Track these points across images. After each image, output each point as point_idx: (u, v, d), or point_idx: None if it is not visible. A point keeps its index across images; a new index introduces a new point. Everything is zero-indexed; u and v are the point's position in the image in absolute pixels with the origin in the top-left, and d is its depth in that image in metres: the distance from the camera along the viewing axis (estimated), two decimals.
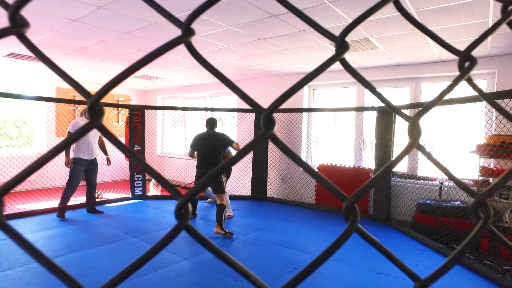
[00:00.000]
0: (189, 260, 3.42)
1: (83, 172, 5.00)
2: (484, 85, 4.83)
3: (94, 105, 0.33)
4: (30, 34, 4.06)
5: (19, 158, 6.38)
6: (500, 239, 0.39)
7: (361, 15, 0.40)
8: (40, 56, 0.36)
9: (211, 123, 4.78)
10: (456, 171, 4.62)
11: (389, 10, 3.11)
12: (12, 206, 5.50)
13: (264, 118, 0.35)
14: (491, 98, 0.45)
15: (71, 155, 4.87)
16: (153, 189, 6.83)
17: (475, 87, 0.45)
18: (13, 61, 5.64)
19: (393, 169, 5.22)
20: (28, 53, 5.05)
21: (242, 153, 0.35)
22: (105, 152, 5.50)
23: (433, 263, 3.51)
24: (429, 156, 0.41)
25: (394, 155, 4.63)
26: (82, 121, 4.90)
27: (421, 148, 0.40)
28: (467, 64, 0.41)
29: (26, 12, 3.31)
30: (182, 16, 3.33)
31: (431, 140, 5.38)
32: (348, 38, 4.08)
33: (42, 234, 4.18)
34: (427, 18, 3.29)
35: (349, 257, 3.60)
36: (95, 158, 5.10)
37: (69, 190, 4.86)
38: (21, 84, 7.22)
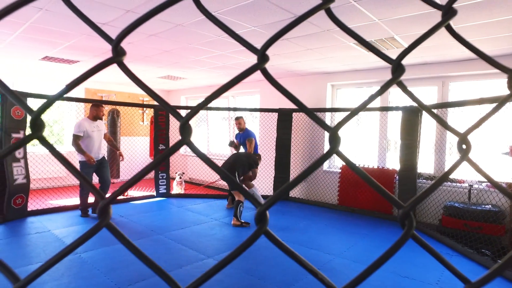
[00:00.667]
0: (213, 258, 3.48)
1: (94, 172, 4.93)
2: None
3: (36, 119, 0.37)
4: (62, 38, 4.27)
5: (50, 155, 6.68)
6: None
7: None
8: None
9: None
10: (489, 173, 4.44)
11: (415, 8, 3.04)
12: (46, 202, 5.77)
13: (180, 127, 0.38)
14: (427, 107, 0.46)
15: (79, 158, 4.78)
16: (177, 188, 6.97)
17: (407, 92, 0.46)
18: (46, 64, 5.92)
19: (419, 171, 5.10)
20: (62, 56, 5.29)
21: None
22: (116, 148, 5.52)
23: (462, 268, 3.39)
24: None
25: (420, 156, 4.51)
26: (86, 122, 4.83)
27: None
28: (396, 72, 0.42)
29: (58, 16, 3.47)
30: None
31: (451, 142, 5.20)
32: (373, 37, 4.02)
33: (72, 229, 4.38)
34: (461, 14, 3.18)
35: (372, 259, 3.54)
36: (104, 157, 5.06)
37: (84, 192, 4.88)
38: (53, 86, 7.56)
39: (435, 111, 4.94)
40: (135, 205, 5.83)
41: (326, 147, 6.48)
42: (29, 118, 0.37)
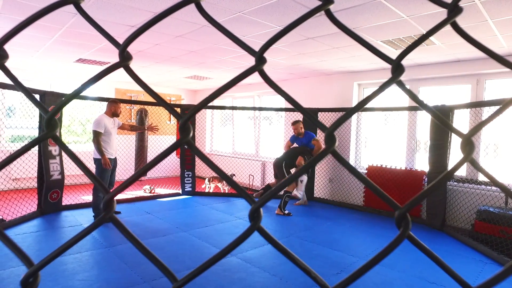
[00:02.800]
0: (236, 256, 3.51)
1: None
2: None
3: (50, 120, 0.39)
4: (94, 41, 4.45)
5: (84, 153, 7.01)
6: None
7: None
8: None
9: None
10: None
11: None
12: (79, 197, 6.06)
13: (179, 127, 0.40)
14: (424, 103, 0.44)
15: (94, 156, 4.63)
16: (208, 185, 7.03)
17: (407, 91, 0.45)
18: (80, 66, 6.20)
19: None
20: (94, 58, 5.53)
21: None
22: (142, 128, 5.43)
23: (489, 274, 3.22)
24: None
25: (451, 158, 4.32)
26: (105, 118, 4.66)
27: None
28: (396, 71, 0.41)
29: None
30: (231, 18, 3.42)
31: (496, 142, 4.94)
32: (401, 34, 3.89)
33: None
34: (493, 8, 3.01)
35: (399, 263, 3.44)
36: (116, 157, 4.89)
37: (99, 193, 4.61)
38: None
39: (468, 111, 4.72)
40: (161, 202, 5.99)
41: (353, 145, 6.36)
42: (65, 119, 0.40)
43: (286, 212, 5.31)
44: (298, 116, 6.76)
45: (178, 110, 8.16)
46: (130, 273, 3.06)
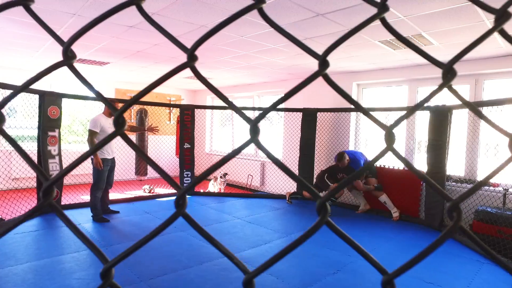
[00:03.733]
0: None
1: None
2: None
3: (118, 118, 0.41)
4: (94, 41, 4.47)
5: (83, 153, 7.03)
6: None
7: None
8: (85, 83, 0.47)
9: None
10: None
11: (443, 3, 2.92)
12: (78, 197, 6.08)
13: (250, 129, 0.44)
14: (474, 106, 0.45)
15: (92, 156, 4.57)
16: (212, 186, 7.05)
17: (457, 95, 0.46)
18: (80, 66, 6.22)
19: (448, 173, 4.89)
20: (94, 58, 5.55)
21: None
22: (140, 129, 5.44)
23: (493, 277, 3.23)
24: (403, 159, 0.45)
25: (449, 158, 4.33)
26: (102, 117, 4.66)
27: (395, 152, 0.45)
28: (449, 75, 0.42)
29: (89, 20, 3.64)
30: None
31: (497, 142, 4.93)
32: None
33: (100, 223, 4.57)
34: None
35: (396, 264, 3.42)
36: (114, 157, 4.86)
37: (97, 193, 4.63)
38: (84, 87, 7.93)
39: (467, 111, 4.72)
40: (160, 202, 6.00)
41: (352, 145, 6.36)
42: (65, 119, 0.41)
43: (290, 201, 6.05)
44: (297, 116, 6.76)
45: (178, 110, 8.18)
46: (128, 272, 3.07)
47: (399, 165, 5.64)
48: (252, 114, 8.20)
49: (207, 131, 9.47)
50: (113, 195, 5.82)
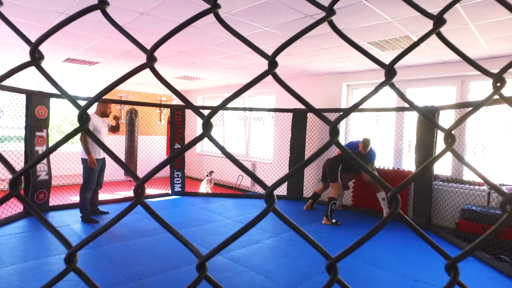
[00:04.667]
0: (223, 256, 3.53)
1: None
2: None
3: (82, 114, 0.42)
4: (83, 40, 4.43)
5: (73, 154, 6.95)
6: None
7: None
8: (52, 82, 0.49)
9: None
10: (509, 176, 4.28)
11: (429, 6, 2.98)
12: (67, 198, 6.00)
13: (203, 124, 0.46)
14: (418, 107, 0.53)
15: (82, 156, 4.57)
16: (204, 186, 7.03)
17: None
18: (69, 65, 6.16)
19: (435, 172, 4.97)
20: (83, 57, 5.50)
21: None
22: (115, 127, 5.03)
23: (478, 273, 3.30)
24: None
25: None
26: (95, 117, 4.63)
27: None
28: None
29: (78, 20, 3.61)
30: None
31: (483, 143, 5.03)
32: (387, 36, 3.95)
33: (89, 224, 4.53)
34: (474, 12, 3.09)
35: (384, 262, 3.50)
36: (104, 157, 4.84)
37: (86, 194, 4.60)
38: (75, 86, 7.85)
39: (453, 111, 4.80)
40: (150, 203, 5.96)
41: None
42: (53, 119, 0.42)
43: (334, 221, 4.88)
44: (288, 116, 6.80)
45: (168, 110, 8.15)
46: (117, 273, 3.06)
47: (388, 165, 5.72)
48: (243, 114, 8.21)
49: (198, 131, 9.45)
50: (102, 195, 5.78)
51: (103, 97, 5.01)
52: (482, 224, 3.93)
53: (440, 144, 5.00)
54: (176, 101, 9.67)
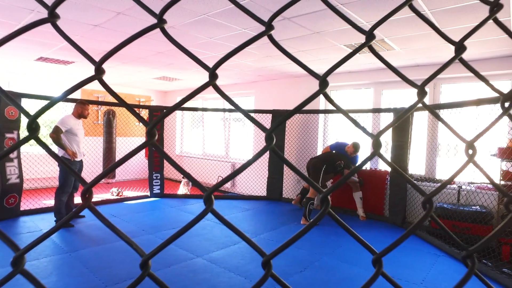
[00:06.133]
0: (202, 258, 3.51)
1: None
2: (509, 86, 4.66)
3: (31, 123, 0.42)
4: (56, 39, 4.31)
5: (47, 156, 6.72)
6: None
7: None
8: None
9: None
10: (477, 175, 4.48)
11: (403, 11, 3.08)
12: (40, 202, 5.80)
13: (146, 132, 0.47)
14: (345, 112, 0.57)
15: (60, 154, 4.37)
16: (183, 188, 6.99)
17: None
18: (42, 65, 5.96)
19: (410, 171, 5.14)
20: (56, 56, 5.33)
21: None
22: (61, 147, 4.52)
23: (448, 268, 3.44)
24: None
25: (411, 158, 4.54)
26: (72, 118, 4.51)
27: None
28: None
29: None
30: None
31: (456, 144, 5.23)
32: (362, 39, 4.05)
33: (65, 228, 4.40)
34: (442, 18, 3.23)
35: (360, 260, 3.58)
36: (82, 160, 4.68)
37: (62, 197, 4.45)
38: (50, 86, 7.60)
39: (426, 113, 4.96)
40: (128, 205, 5.86)
41: (320, 146, 6.52)
42: (25, 121, 0.41)
43: (311, 220, 4.98)
44: (267, 117, 6.84)
45: (147, 111, 8.03)
46: (92, 277, 2.99)
47: (366, 166, 5.85)
48: (223, 115, 8.20)
49: (177, 132, 9.35)
50: (78, 199, 5.62)
51: (81, 99, 4.89)
52: (453, 221, 4.09)
53: (414, 144, 5.18)
54: (155, 102, 9.53)
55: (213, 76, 0.47)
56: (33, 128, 0.41)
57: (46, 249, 3.59)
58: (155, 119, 0.47)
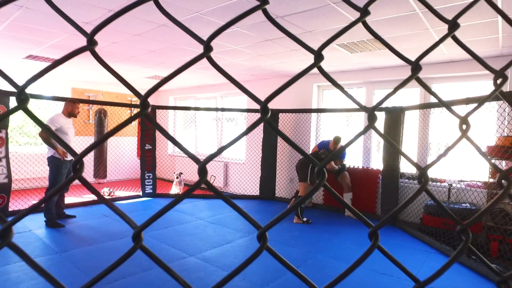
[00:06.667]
0: (195, 257, 3.50)
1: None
2: (493, 86, 4.74)
3: (20, 94, 0.40)
4: (46, 36, 4.25)
5: (37, 156, 6.63)
6: None
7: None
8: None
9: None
10: (467, 173, 4.55)
11: (393, 10, 3.12)
12: (29, 202, 5.71)
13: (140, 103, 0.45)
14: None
15: (49, 154, 4.38)
16: (175, 188, 6.95)
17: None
18: (31, 63, 5.87)
19: (401, 170, 5.19)
20: (46, 54, 5.26)
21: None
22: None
23: (439, 264, 3.47)
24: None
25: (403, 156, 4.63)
26: (61, 117, 4.46)
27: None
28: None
29: (39, 15, 3.46)
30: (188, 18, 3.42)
31: (447, 143, 5.30)
32: (354, 39, 4.09)
33: (52, 229, 4.34)
34: (434, 18, 3.27)
35: (352, 257, 3.60)
36: (72, 159, 4.62)
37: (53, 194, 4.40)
38: (39, 85, 7.48)
39: (418, 111, 5.02)
40: (120, 205, 5.80)
41: (312, 145, 6.54)
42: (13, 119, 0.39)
43: (305, 219, 4.99)
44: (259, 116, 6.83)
45: (138, 109, 7.95)
46: (83, 278, 2.95)
47: (358, 164, 5.90)
48: (215, 115, 8.17)
49: (169, 132, 9.29)
50: (69, 199, 5.56)
51: (72, 97, 4.82)
52: (443, 219, 4.15)
53: (405, 143, 5.23)
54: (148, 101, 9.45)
55: (207, 48, 0.47)
56: (22, 99, 0.40)
57: (36, 250, 3.54)
58: (150, 88, 0.46)
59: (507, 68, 0.54)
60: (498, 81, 0.54)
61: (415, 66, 0.52)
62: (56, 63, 0.43)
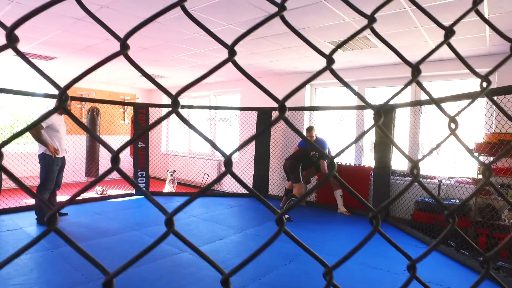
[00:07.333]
0: (187, 252, 3.51)
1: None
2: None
3: (62, 95, 0.44)
4: (37, 33, 4.22)
5: (29, 155, 6.57)
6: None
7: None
8: (28, 62, 0.46)
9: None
10: (455, 170, 4.62)
11: (385, 8, 3.16)
12: (20, 200, 5.66)
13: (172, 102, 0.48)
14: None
15: (40, 151, 4.34)
16: (168, 186, 6.94)
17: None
18: (21, 60, 5.81)
19: (393, 167, 5.25)
20: (38, 51, 5.22)
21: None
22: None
23: (429, 259, 3.52)
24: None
25: (394, 154, 4.65)
26: (53, 114, 4.42)
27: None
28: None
29: (30, 10, 3.44)
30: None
31: (433, 139, 5.38)
32: (346, 36, 4.12)
33: (43, 227, 4.31)
34: (423, 15, 3.31)
35: (343, 252, 3.63)
36: (64, 156, 4.58)
37: (44, 194, 4.31)
38: (31, 83, 7.41)
39: (409, 109, 5.09)
40: (113, 203, 5.78)
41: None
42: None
43: (286, 216, 4.94)
44: (253, 114, 6.87)
45: (132, 108, 7.93)
46: (75, 273, 2.94)
47: (350, 161, 5.95)
48: (209, 113, 8.18)
49: (163, 131, 9.27)
50: (61, 197, 5.52)
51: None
52: (434, 214, 4.21)
53: (397, 140, 5.29)
54: (140, 100, 9.43)
55: (232, 52, 0.49)
56: (63, 99, 0.44)
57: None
58: (181, 88, 0.48)
59: (491, 73, 0.57)
60: (484, 85, 0.58)
61: (416, 69, 0.56)
62: (96, 66, 0.46)
